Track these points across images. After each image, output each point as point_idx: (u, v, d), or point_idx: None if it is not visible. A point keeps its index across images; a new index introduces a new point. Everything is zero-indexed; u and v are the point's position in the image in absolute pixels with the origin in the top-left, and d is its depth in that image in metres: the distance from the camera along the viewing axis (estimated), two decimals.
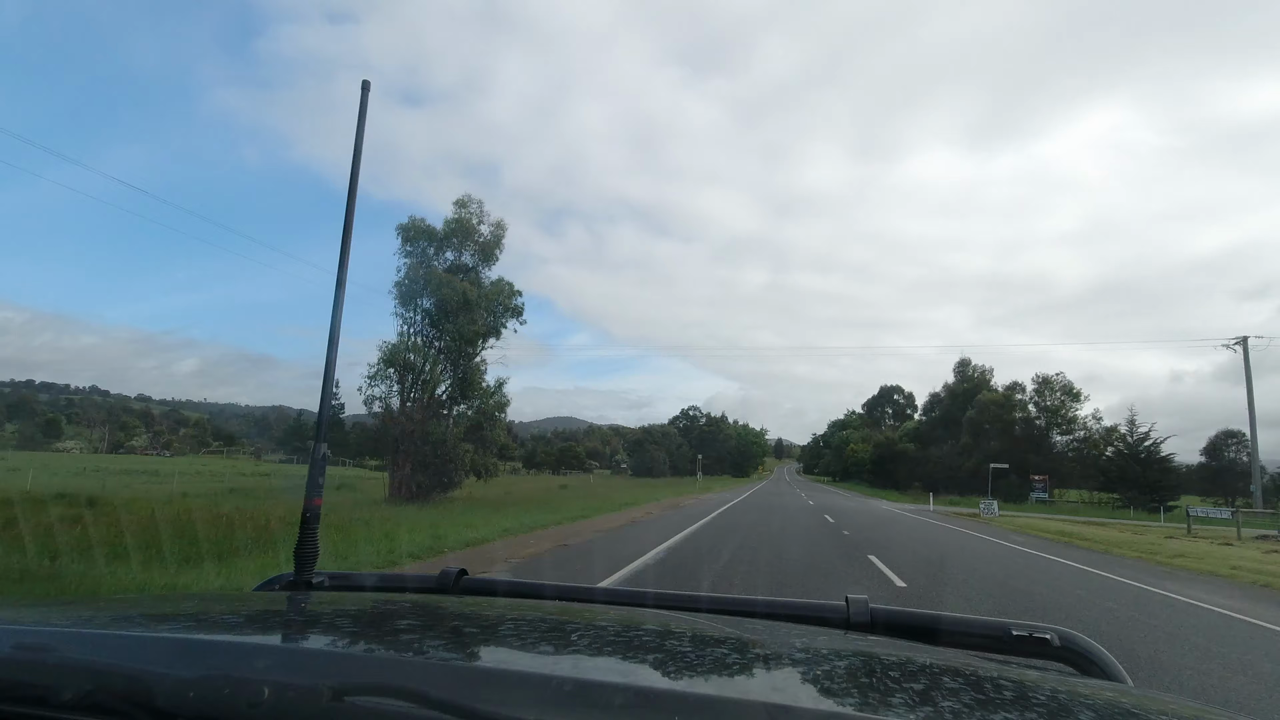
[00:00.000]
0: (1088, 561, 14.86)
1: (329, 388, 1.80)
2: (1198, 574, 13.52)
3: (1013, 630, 1.13)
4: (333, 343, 1.80)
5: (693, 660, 0.87)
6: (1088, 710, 0.77)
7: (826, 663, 0.90)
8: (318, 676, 0.70)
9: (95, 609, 1.11)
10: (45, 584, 6.82)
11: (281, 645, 0.87)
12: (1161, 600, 9.79)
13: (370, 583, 1.55)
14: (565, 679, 0.70)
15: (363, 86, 2.00)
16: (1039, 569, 12.99)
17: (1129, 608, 8.86)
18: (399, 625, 1.03)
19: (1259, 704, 4.89)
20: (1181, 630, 7.52)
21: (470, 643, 0.92)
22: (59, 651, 0.79)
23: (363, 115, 1.97)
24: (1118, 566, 14.18)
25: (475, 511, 19.41)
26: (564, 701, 0.65)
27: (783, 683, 0.83)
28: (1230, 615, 8.80)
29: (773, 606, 1.29)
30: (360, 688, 0.67)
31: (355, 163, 1.93)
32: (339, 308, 1.80)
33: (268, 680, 0.67)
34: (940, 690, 0.80)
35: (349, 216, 1.86)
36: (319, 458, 1.63)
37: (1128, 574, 12.84)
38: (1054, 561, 14.56)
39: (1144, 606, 9.04)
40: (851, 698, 0.77)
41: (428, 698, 0.64)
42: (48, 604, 1.33)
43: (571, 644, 0.94)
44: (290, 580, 1.45)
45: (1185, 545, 19.31)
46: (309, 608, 1.17)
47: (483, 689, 0.67)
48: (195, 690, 0.67)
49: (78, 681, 0.70)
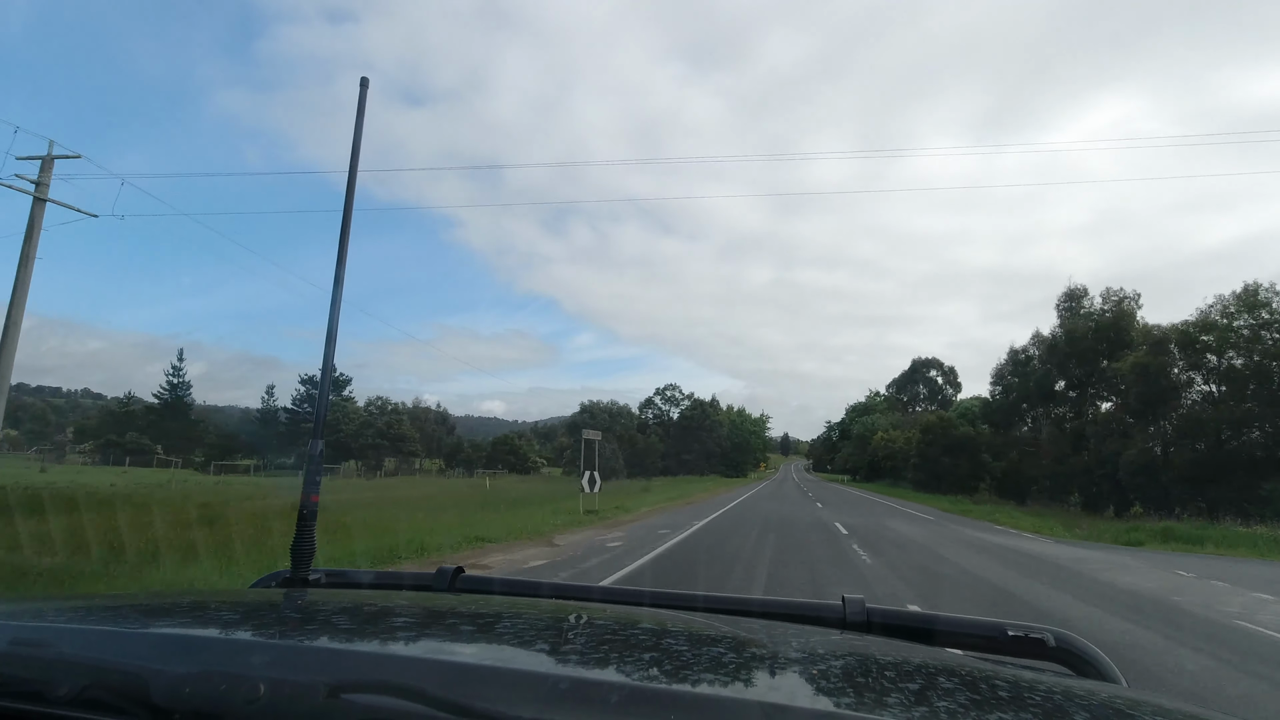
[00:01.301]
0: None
1: (326, 387, 1.80)
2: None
3: (1008, 631, 1.13)
4: (330, 341, 1.80)
5: (689, 659, 0.87)
6: (1083, 711, 0.77)
7: (823, 662, 0.90)
8: (314, 673, 0.70)
9: (91, 605, 1.11)
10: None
11: (278, 642, 0.87)
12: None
13: (367, 580, 1.55)
14: (562, 677, 0.70)
15: (361, 84, 2.00)
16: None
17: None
18: (396, 622, 1.03)
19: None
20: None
21: (467, 640, 0.92)
22: (55, 647, 0.79)
23: (361, 113, 1.96)
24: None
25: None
26: (560, 699, 0.65)
27: (779, 682, 0.83)
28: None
29: (769, 606, 1.29)
30: (357, 685, 0.67)
31: (353, 161, 1.93)
32: (336, 307, 1.80)
33: (264, 677, 0.67)
34: (936, 690, 0.80)
35: (346, 216, 1.86)
36: (315, 455, 1.63)
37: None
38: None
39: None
40: (847, 697, 0.77)
41: (424, 695, 0.64)
42: (44, 600, 1.33)
43: (568, 642, 0.94)
44: (287, 577, 1.44)
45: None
46: (306, 605, 1.17)
47: (479, 686, 0.67)
48: (191, 686, 0.67)
49: (74, 677, 0.70)
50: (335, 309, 1.80)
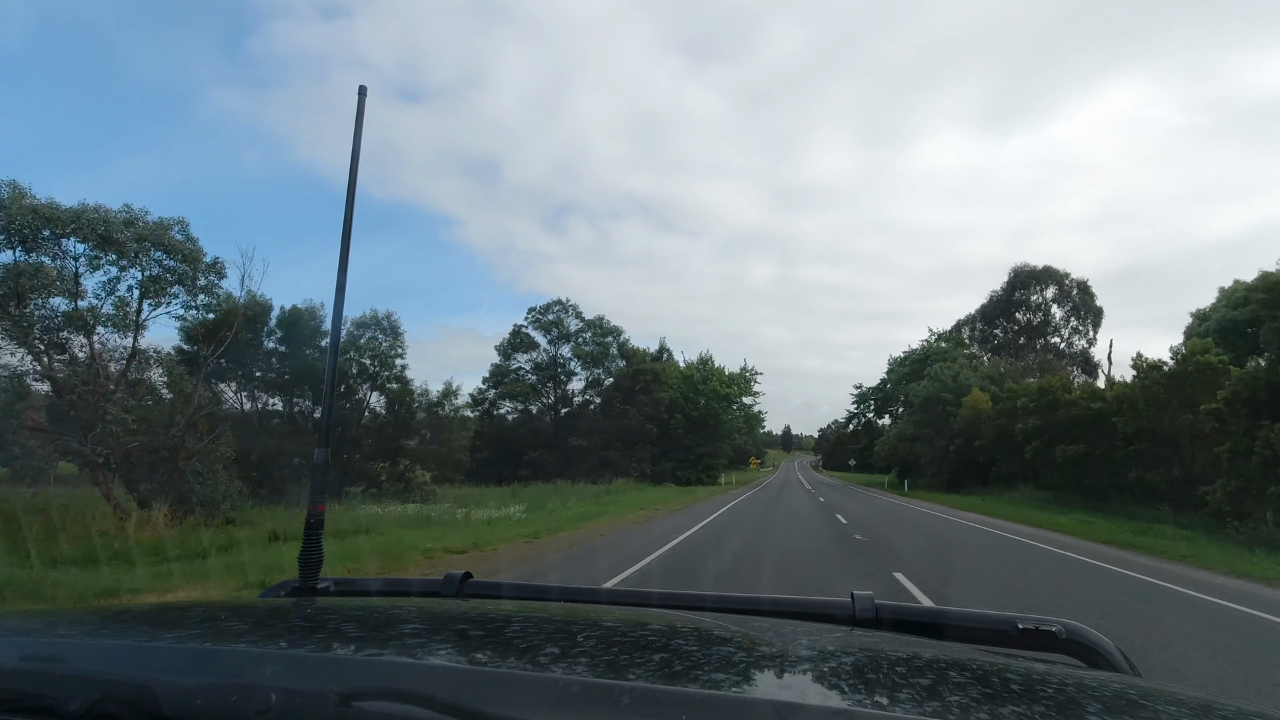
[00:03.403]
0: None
1: (331, 392, 1.80)
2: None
3: (1018, 624, 1.13)
4: (334, 347, 1.81)
5: (699, 659, 0.87)
6: (1095, 703, 0.77)
7: (833, 659, 0.90)
8: (325, 682, 0.70)
9: (101, 618, 1.11)
10: None
11: (288, 651, 0.87)
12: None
13: (375, 588, 1.56)
14: (572, 680, 0.70)
15: (360, 92, 2.00)
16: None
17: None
18: (405, 629, 1.04)
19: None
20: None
21: (476, 646, 0.92)
22: (66, 661, 0.79)
23: (360, 120, 1.96)
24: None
25: None
26: (571, 703, 0.65)
27: (790, 680, 0.83)
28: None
29: (778, 604, 1.29)
30: (368, 692, 0.67)
31: (353, 167, 1.93)
32: (339, 312, 1.80)
33: (275, 686, 0.67)
34: (947, 685, 0.80)
35: (347, 220, 1.86)
36: (321, 464, 1.63)
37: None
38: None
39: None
40: (859, 694, 0.77)
41: (435, 701, 0.64)
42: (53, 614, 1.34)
43: (578, 645, 0.94)
44: (296, 586, 1.45)
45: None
46: (315, 614, 1.18)
47: (490, 692, 0.67)
48: (202, 697, 0.67)
49: (85, 691, 0.71)
50: (338, 314, 1.80)
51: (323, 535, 1.55)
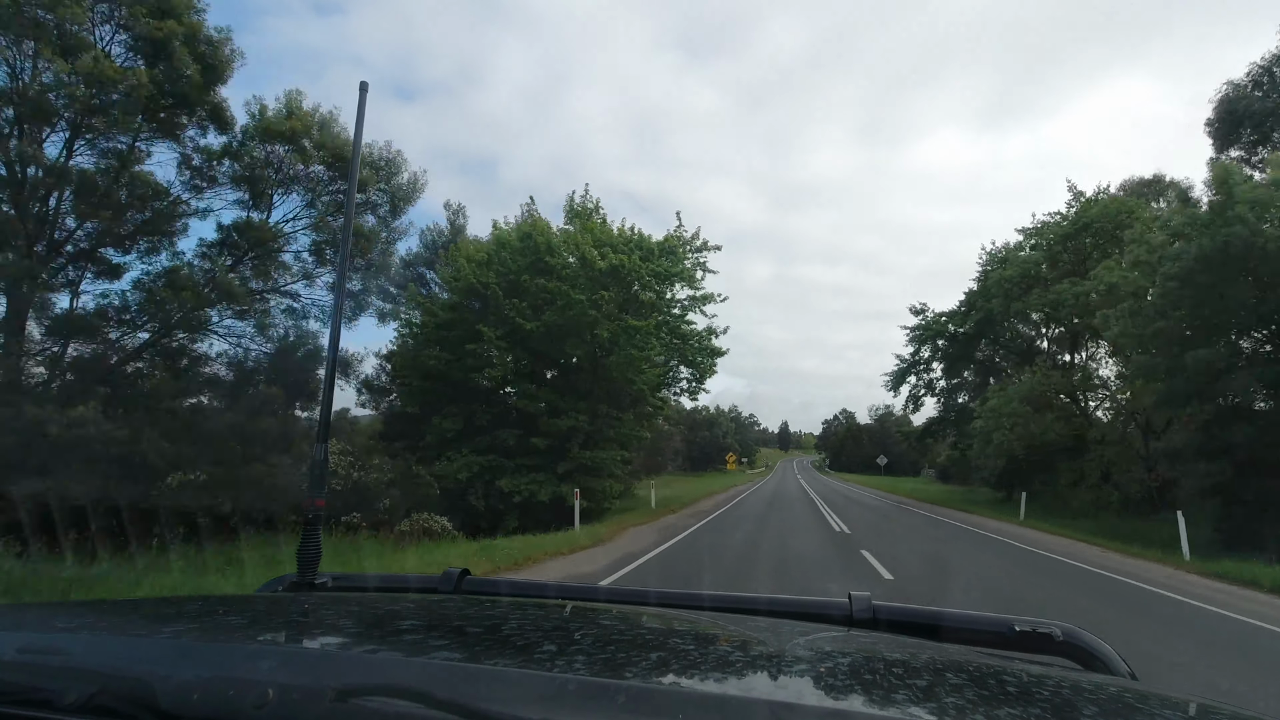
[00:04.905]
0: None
1: (330, 389, 1.80)
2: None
3: (1016, 626, 1.13)
4: (334, 344, 1.81)
5: (696, 658, 0.87)
6: (1091, 705, 0.77)
7: (830, 660, 0.90)
8: (322, 677, 0.70)
9: (99, 612, 1.11)
10: None
11: (285, 646, 0.87)
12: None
13: (374, 584, 1.56)
14: (569, 678, 0.70)
15: (360, 88, 2.00)
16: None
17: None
18: (403, 626, 1.03)
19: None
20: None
21: (474, 643, 0.92)
22: (63, 654, 0.79)
23: (360, 117, 1.96)
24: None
25: None
26: (568, 701, 0.65)
27: (786, 680, 0.83)
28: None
29: (775, 604, 1.29)
30: (365, 688, 0.67)
31: (354, 165, 1.93)
32: (339, 309, 1.81)
33: (272, 681, 0.67)
34: (944, 686, 0.80)
35: (347, 219, 1.86)
36: (321, 459, 1.63)
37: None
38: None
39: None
40: (855, 694, 0.77)
41: (432, 698, 0.64)
42: (51, 607, 1.34)
43: (575, 643, 0.94)
44: (294, 581, 1.45)
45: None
46: (312, 609, 1.17)
47: (487, 689, 0.67)
48: (199, 692, 0.67)
49: (82, 684, 0.70)
50: (338, 312, 1.80)
51: (320, 530, 1.55)
